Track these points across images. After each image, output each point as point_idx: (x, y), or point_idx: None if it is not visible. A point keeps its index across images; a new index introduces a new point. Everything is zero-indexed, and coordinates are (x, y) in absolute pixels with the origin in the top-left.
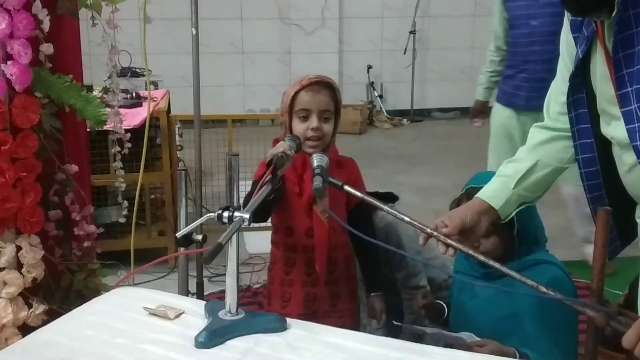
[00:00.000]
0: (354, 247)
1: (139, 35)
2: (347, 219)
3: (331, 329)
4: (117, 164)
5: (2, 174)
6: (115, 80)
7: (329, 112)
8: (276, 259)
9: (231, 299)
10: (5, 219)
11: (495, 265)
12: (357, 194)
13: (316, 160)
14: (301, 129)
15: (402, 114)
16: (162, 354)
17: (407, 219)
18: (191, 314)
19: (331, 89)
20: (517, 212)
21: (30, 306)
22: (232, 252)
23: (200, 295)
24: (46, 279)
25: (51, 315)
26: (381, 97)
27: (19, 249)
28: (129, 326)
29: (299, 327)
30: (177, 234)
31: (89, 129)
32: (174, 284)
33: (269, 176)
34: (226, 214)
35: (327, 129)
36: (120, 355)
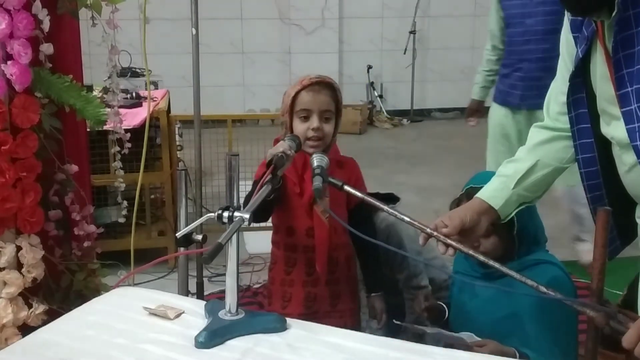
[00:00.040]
0: (354, 247)
1: (139, 35)
2: (347, 219)
3: (331, 329)
4: (117, 164)
5: (2, 174)
6: (115, 80)
7: (329, 112)
8: (277, 259)
9: (231, 299)
10: (5, 219)
11: (495, 265)
12: (357, 194)
13: (316, 160)
14: (302, 129)
15: (402, 114)
16: (162, 354)
17: (407, 219)
18: (191, 314)
19: (332, 89)
20: (517, 212)
21: (30, 306)
22: (232, 252)
23: (200, 295)
24: (46, 279)
25: (51, 315)
26: (381, 97)
27: (19, 249)
28: (129, 326)
29: (299, 327)
30: (177, 234)
31: (89, 129)
32: (174, 284)
33: (269, 176)
34: (226, 214)
35: (327, 129)
36: (120, 355)
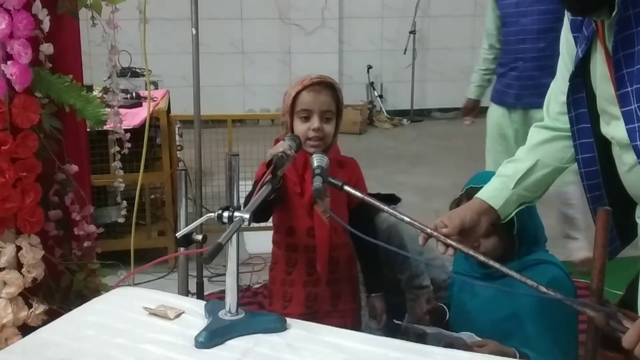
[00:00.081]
0: (354, 247)
1: (139, 35)
2: (348, 219)
3: (331, 329)
4: (116, 164)
5: (2, 174)
6: (115, 80)
7: (330, 112)
8: (277, 259)
9: (231, 299)
10: (5, 219)
11: (495, 265)
12: (357, 195)
13: (316, 160)
14: (302, 129)
15: (402, 114)
16: (162, 354)
17: (407, 219)
18: (191, 314)
19: (333, 89)
20: (517, 212)
21: (30, 306)
22: (232, 252)
23: (200, 295)
24: (46, 279)
25: (51, 315)
26: (381, 97)
27: (19, 249)
28: (129, 326)
29: (299, 327)
30: (177, 234)
31: (89, 129)
32: (174, 284)
33: (269, 176)
34: (226, 214)
35: (328, 130)
36: (120, 355)
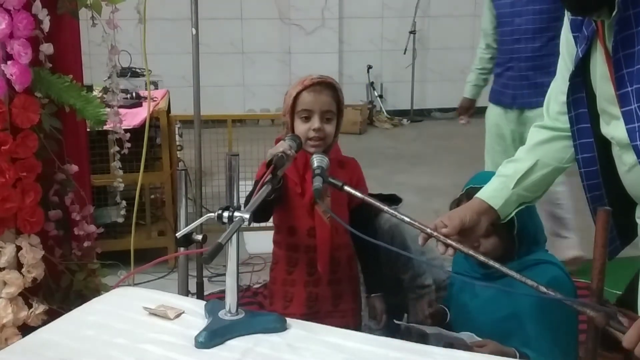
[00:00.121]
0: (355, 247)
1: (139, 35)
2: (349, 219)
3: (331, 329)
4: (116, 164)
5: (2, 174)
6: (115, 80)
7: (331, 112)
8: (278, 259)
9: (231, 299)
10: (5, 219)
11: (495, 265)
12: (357, 195)
13: (316, 160)
14: (303, 130)
15: (402, 114)
16: (162, 354)
17: (407, 219)
18: (191, 314)
19: (333, 89)
20: (517, 212)
21: (30, 306)
22: (232, 252)
23: (200, 295)
24: (46, 279)
25: (51, 315)
26: (381, 97)
27: (19, 249)
28: (129, 326)
29: (299, 327)
30: (177, 234)
31: (89, 129)
32: (174, 284)
33: (269, 176)
34: (226, 214)
35: (329, 130)
36: (120, 355)
